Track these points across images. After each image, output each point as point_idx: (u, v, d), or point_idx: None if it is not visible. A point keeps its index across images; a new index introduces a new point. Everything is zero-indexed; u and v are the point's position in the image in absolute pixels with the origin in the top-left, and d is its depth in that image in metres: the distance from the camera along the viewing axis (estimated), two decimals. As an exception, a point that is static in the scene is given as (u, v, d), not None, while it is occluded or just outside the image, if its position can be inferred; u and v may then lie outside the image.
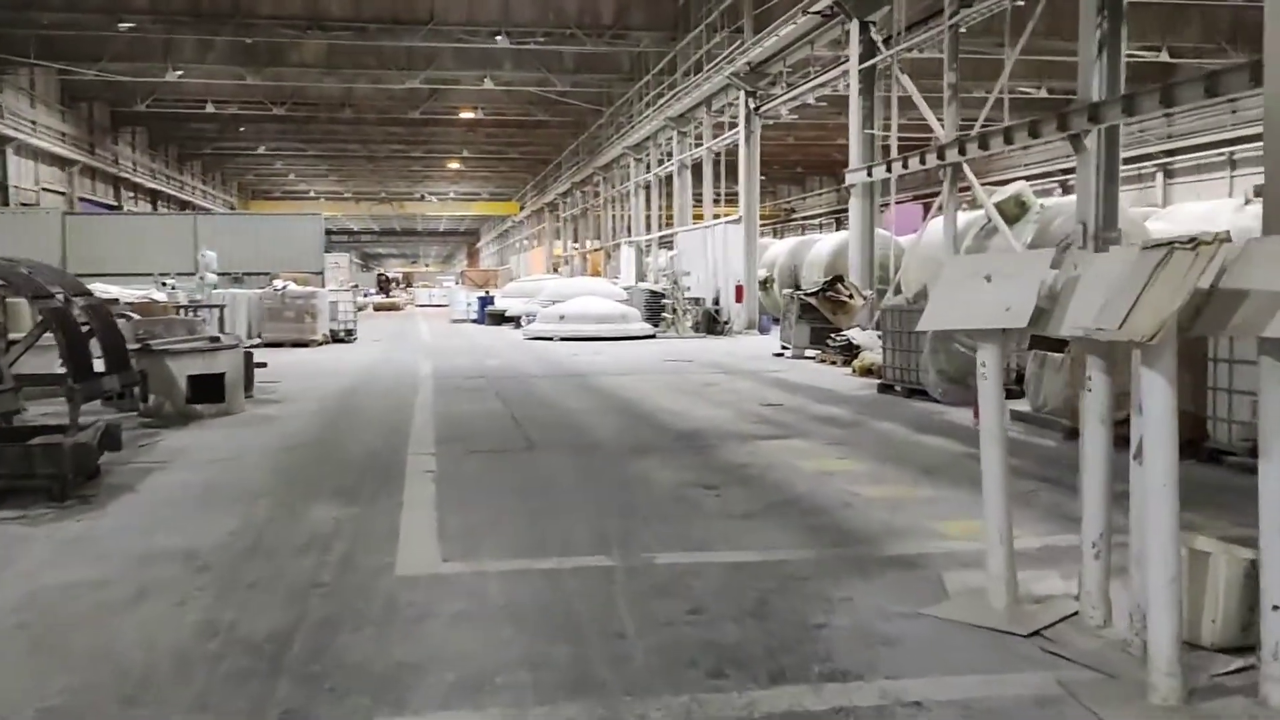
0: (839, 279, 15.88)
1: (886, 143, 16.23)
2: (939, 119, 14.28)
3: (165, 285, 18.84)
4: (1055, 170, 32.17)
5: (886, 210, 17.74)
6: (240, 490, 5.96)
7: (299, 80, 30.90)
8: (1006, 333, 3.68)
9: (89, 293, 8.75)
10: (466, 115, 36.25)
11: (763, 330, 21.80)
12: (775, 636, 3.47)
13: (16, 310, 9.55)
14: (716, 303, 22.82)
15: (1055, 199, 19.04)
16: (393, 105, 34.91)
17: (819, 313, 15.49)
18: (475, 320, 29.59)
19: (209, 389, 9.13)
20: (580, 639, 3.47)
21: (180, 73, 28.84)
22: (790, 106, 21.43)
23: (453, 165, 50.85)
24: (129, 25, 25.40)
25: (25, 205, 29.01)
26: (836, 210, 46.62)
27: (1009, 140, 12.44)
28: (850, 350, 13.59)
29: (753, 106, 21.97)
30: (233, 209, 54.35)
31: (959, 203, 14.65)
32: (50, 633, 3.58)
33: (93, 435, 6.00)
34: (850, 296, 15.48)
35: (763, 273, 24.09)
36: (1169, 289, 2.75)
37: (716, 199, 25.03)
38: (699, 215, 26.69)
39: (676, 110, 25.95)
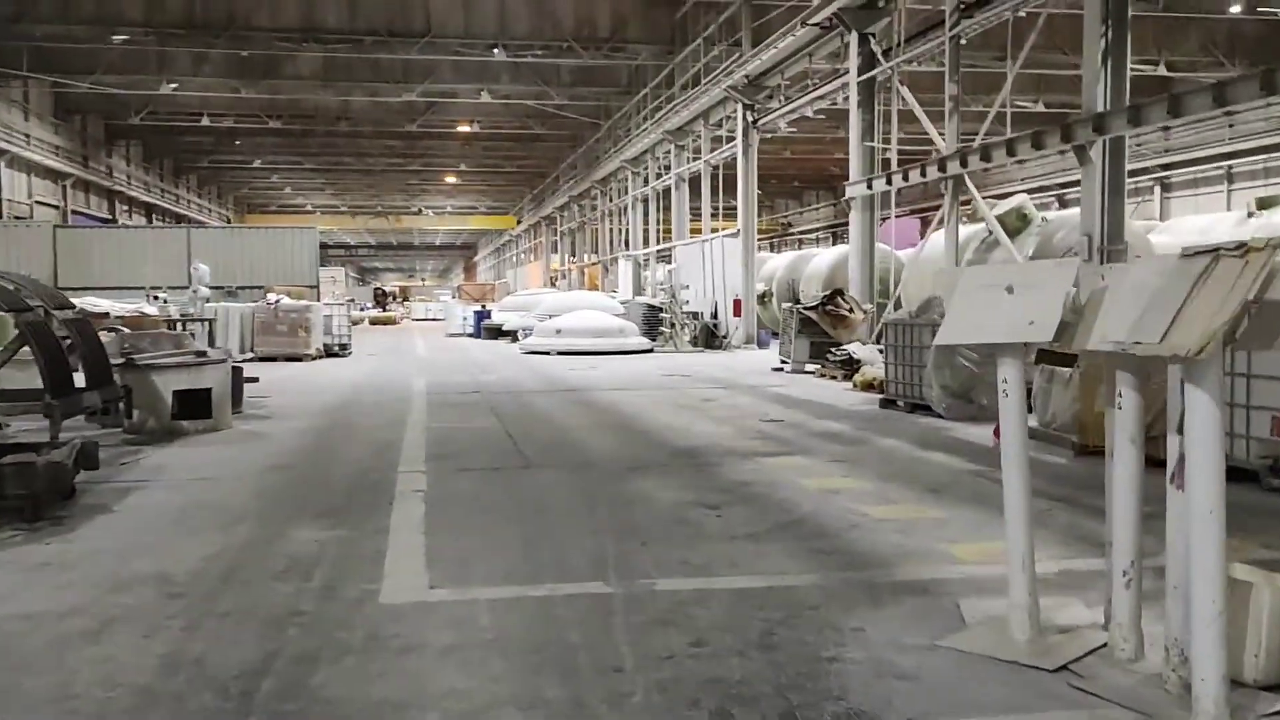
0: (839, 293, 15.67)
1: (886, 155, 16.08)
2: (939, 131, 14.13)
3: (157, 299, 18.63)
4: (1052, 185, 32.09)
5: (885, 224, 17.56)
6: (221, 511, 5.72)
7: (295, 93, 30.75)
8: (1028, 347, 3.47)
9: (71, 306, 8.53)
10: (463, 129, 36.12)
11: (761, 344, 21.61)
12: (784, 671, 3.24)
13: (2, 323, 9.33)
14: (714, 317, 22.61)
15: (1056, 212, 18.88)
16: (389, 118, 34.77)
17: (819, 327, 15.27)
18: (471, 334, 29.37)
19: (195, 404, 8.90)
20: (575, 675, 3.24)
21: (175, 85, 28.69)
22: (788, 119, 21.28)
23: (449, 179, 50.69)
24: (123, 37, 25.25)
25: (18, 218, 28.79)
26: (833, 225, 46.49)
27: (1011, 152, 12.25)
28: (851, 365, 13.39)
29: (751, 120, 21.83)
30: (229, 222, 54.14)
31: (961, 215, 14.49)
32: (1, 673, 3.32)
33: (68, 454, 5.75)
34: (850, 310, 15.27)
35: (761, 287, 23.91)
36: (1216, 300, 2.54)
37: (714, 213, 24.85)
38: (697, 229, 26.52)
39: (674, 124, 25.80)
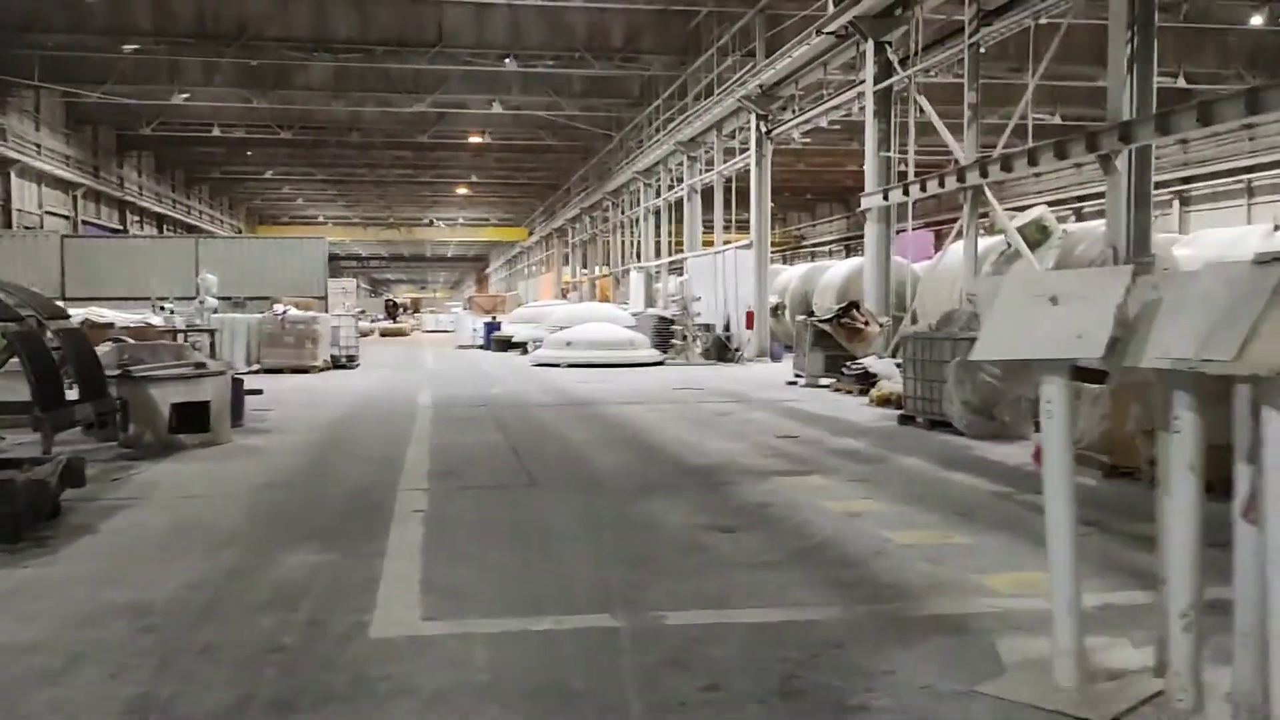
0: (854, 305, 15.34)
1: (902, 167, 15.78)
2: (958, 141, 13.83)
3: (163, 309, 18.46)
4: (1069, 197, 31.66)
5: (899, 236, 17.23)
6: (209, 533, 5.45)
7: (306, 103, 30.63)
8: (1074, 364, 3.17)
9: (65, 316, 8.32)
10: (475, 140, 35.96)
11: (774, 357, 21.29)
12: (807, 722, 2.95)
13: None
14: (727, 329, 22.30)
15: (1076, 224, 18.53)
16: (401, 129, 34.64)
17: (833, 340, 14.95)
18: (481, 346, 29.12)
19: (193, 418, 8.66)
20: (577, 724, 2.95)
21: (186, 95, 28.57)
22: (802, 130, 20.99)
23: (461, 190, 50.57)
24: (133, 47, 25.14)
25: (28, 228, 28.73)
26: (847, 237, 46.12)
27: (1034, 162, 11.93)
28: (867, 379, 13.08)
29: (764, 130, 21.55)
30: (240, 233, 54.17)
31: (979, 227, 14.18)
32: (-49, 716, 3.06)
33: (52, 471, 5.50)
34: (866, 323, 14.95)
35: (774, 299, 23.60)
36: (1303, 313, 2.24)
37: (727, 224, 24.58)
38: (709, 241, 26.25)
39: (687, 134, 25.56)
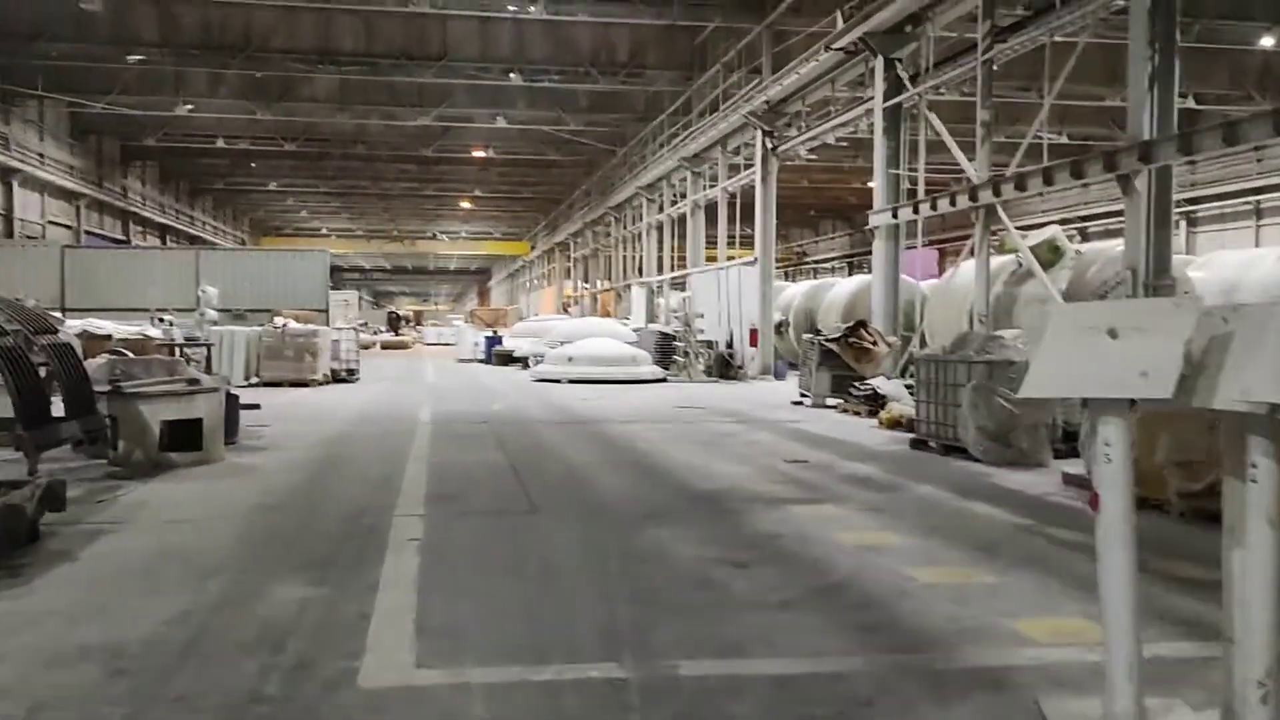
0: (862, 324, 15.06)
1: (912, 186, 15.54)
2: (969, 159, 13.60)
3: (161, 321, 18.19)
4: (1074, 217, 31.38)
5: (905, 254, 16.96)
6: (196, 561, 5.17)
7: (310, 116, 30.49)
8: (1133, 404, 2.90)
9: (54, 330, 8.07)
10: (479, 154, 35.81)
11: (778, 375, 21.02)
12: (839, 796, 2.67)
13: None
14: (730, 346, 22.04)
15: (1089, 245, 18.27)
16: (405, 142, 34.50)
17: (841, 359, 14.66)
18: (482, 360, 28.89)
19: (186, 435, 8.39)
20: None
21: (191, 107, 28.43)
22: (809, 147, 20.80)
23: (464, 204, 50.45)
24: (138, 58, 25.01)
25: (29, 238, 28.54)
26: (849, 254, 45.91)
27: (1049, 181, 11.69)
28: (875, 400, 12.81)
29: (770, 146, 21.36)
30: (244, 244, 54.02)
31: (987, 247, 13.92)
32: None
33: (29, 495, 5.23)
34: (874, 343, 14.67)
35: (777, 316, 23.35)
36: None
37: (730, 240, 24.37)
38: (712, 257, 26.02)
39: (691, 150, 25.39)
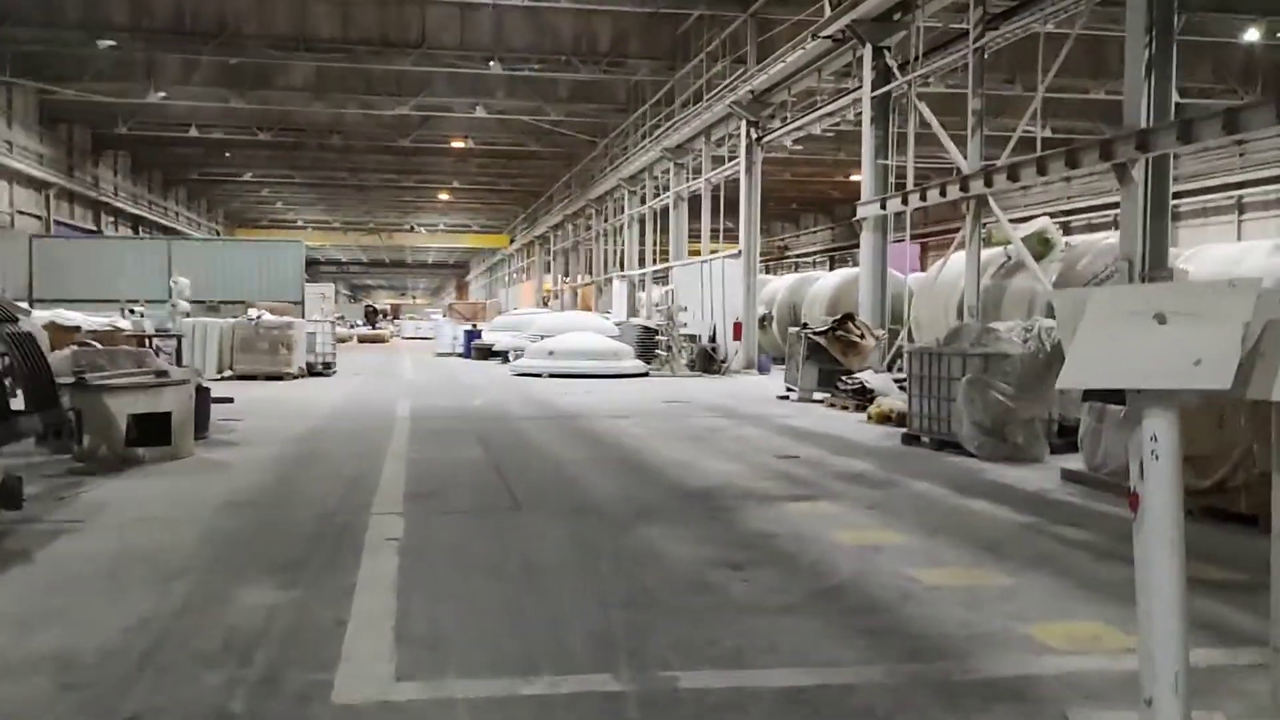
0: (850, 317, 14.86)
1: (900, 179, 15.33)
2: (960, 150, 13.40)
3: (132, 312, 17.75)
4: (1058, 211, 31.37)
5: (891, 247, 16.77)
6: (159, 563, 4.87)
7: (286, 104, 29.93)
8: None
9: (14, 319, 7.70)
10: (458, 144, 35.33)
11: (762, 369, 20.80)
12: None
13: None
14: (713, 340, 21.80)
15: (1079, 238, 18.15)
16: (382, 132, 33.99)
17: (828, 353, 14.46)
18: (461, 354, 28.51)
19: (154, 429, 8.06)
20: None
21: (163, 94, 27.82)
22: (794, 137, 20.57)
23: (443, 196, 49.94)
24: (109, 43, 24.43)
25: (-1, 228, 27.93)
26: (831, 248, 45.81)
27: (1043, 171, 11.50)
28: (864, 395, 12.60)
29: (755, 137, 21.10)
30: (218, 235, 53.27)
31: (979, 239, 13.74)
32: None
33: (-20, 492, 4.91)
34: (862, 336, 14.48)
35: (761, 310, 23.13)
36: None
37: (714, 234, 24.11)
38: (695, 250, 25.76)
39: (674, 141, 25.09)
